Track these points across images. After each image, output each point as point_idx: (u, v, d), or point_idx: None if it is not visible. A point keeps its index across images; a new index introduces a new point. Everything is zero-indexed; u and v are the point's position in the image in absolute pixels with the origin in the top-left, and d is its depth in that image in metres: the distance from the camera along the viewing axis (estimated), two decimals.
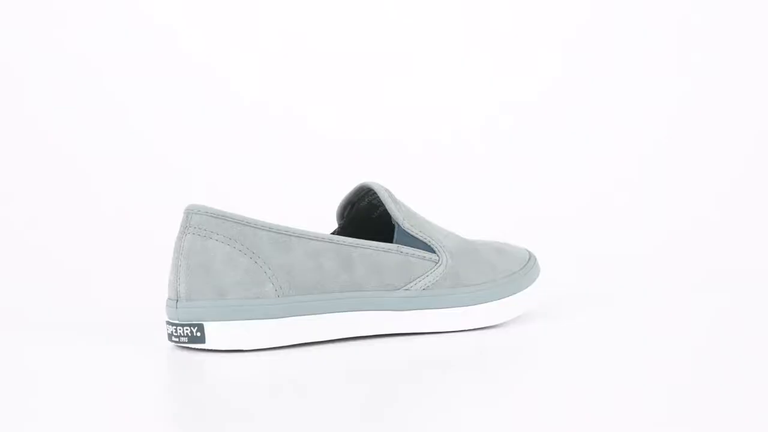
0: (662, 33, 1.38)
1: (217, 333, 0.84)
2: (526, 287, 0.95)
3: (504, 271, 0.94)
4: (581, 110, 1.39)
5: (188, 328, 0.84)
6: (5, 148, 1.29)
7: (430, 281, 0.91)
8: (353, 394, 0.76)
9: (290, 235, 0.87)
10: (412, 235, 0.91)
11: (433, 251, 0.92)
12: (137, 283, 1.00)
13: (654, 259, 1.19)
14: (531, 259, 0.97)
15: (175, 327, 0.85)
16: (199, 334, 0.84)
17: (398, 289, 0.90)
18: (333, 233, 0.94)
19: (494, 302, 0.94)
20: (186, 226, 0.85)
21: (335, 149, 1.34)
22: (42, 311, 0.99)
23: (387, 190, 0.92)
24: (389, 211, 0.91)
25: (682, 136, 1.37)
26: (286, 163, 1.33)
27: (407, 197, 0.95)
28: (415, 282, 0.90)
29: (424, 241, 0.92)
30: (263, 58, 1.36)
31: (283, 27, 1.36)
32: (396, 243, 0.91)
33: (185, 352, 0.85)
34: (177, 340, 0.85)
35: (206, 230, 0.85)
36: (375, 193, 0.92)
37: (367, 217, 0.95)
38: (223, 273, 0.84)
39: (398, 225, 0.91)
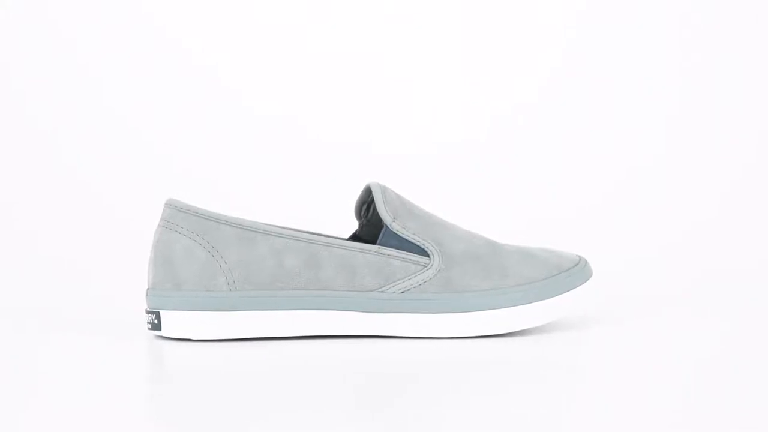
0: (662, 33, 1.36)
1: (171, 322, 0.88)
2: (548, 297, 0.88)
3: (520, 279, 0.87)
4: (581, 110, 1.35)
5: (151, 315, 0.89)
6: (4, 148, 1.37)
7: (411, 284, 0.87)
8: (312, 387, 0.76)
9: (255, 231, 0.88)
10: (402, 237, 0.88)
11: (426, 254, 0.88)
12: (136, 280, 1.04)
13: (655, 259, 1.18)
14: (574, 267, 0.88)
15: (146, 314, 0.90)
16: (157, 321, 0.89)
17: (372, 291, 0.87)
18: (353, 234, 0.93)
19: (488, 311, 0.87)
20: (160, 219, 0.90)
21: (336, 149, 1.32)
22: (42, 310, 1.03)
23: (383, 191, 0.89)
24: (378, 211, 0.89)
25: (683, 135, 1.34)
26: (287, 163, 1.32)
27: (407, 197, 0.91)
28: (393, 285, 0.87)
29: (416, 243, 0.88)
30: (263, 59, 1.36)
31: (283, 27, 1.35)
32: (381, 243, 0.88)
33: (180, 347, 0.87)
34: (147, 326, 0.90)
35: (173, 223, 0.89)
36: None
37: None
38: (181, 265, 0.88)
39: (386, 226, 0.88)
